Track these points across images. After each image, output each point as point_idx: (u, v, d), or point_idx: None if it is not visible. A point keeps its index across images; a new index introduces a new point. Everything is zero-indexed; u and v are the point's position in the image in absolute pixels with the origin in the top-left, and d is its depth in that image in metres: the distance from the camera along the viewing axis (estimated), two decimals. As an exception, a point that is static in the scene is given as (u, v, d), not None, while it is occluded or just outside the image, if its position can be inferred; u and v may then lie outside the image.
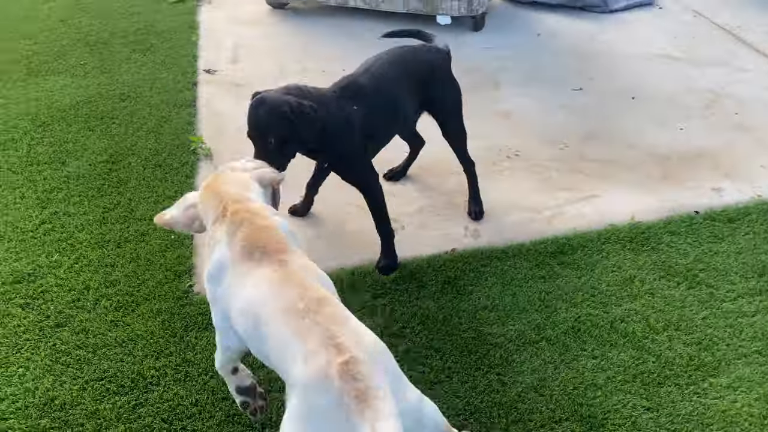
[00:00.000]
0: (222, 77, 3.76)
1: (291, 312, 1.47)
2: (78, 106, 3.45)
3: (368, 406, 1.31)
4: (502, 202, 2.86)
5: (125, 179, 2.94)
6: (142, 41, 4.12)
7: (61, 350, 2.17)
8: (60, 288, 2.39)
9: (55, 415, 1.97)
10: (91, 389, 2.05)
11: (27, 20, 4.36)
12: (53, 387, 2.05)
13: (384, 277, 2.45)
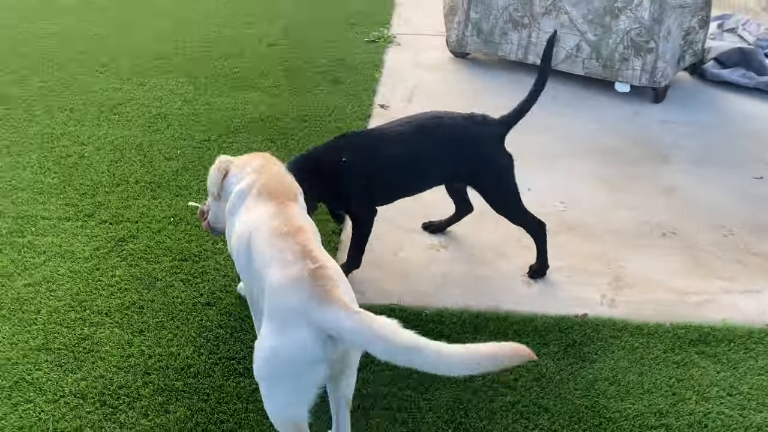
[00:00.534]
0: (393, 113, 4.01)
1: (276, 233, 1.75)
2: (265, 120, 3.88)
3: (337, 297, 1.55)
4: (646, 277, 2.73)
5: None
6: (331, 72, 4.54)
7: (205, 326, 2.45)
8: (217, 272, 2.70)
9: (189, 381, 2.22)
10: (222, 366, 2.28)
11: (240, 43, 4.99)
12: (192, 356, 2.32)
13: (505, 325, 2.45)
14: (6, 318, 2.45)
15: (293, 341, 1.57)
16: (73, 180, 3.27)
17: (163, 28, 5.23)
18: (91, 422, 2.08)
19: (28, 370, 2.25)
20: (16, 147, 3.55)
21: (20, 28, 5.15)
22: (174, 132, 3.74)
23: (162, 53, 4.76)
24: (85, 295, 2.57)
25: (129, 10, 5.65)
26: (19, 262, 2.73)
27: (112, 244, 2.85)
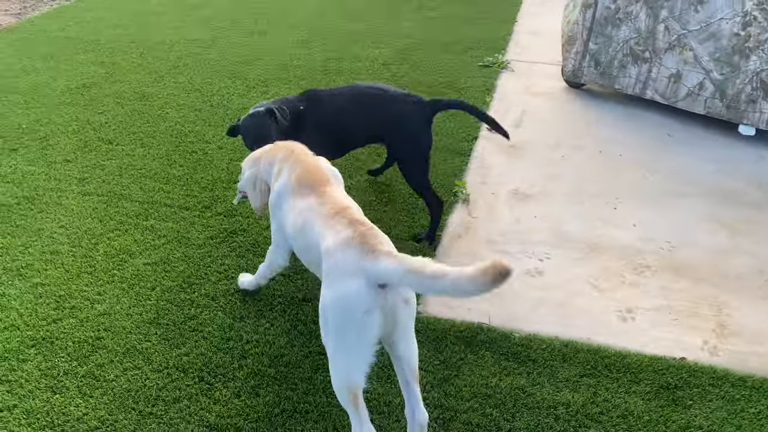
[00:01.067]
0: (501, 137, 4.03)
1: (326, 215, 2.01)
2: (375, 134, 4.02)
3: (381, 250, 1.77)
4: (756, 328, 2.57)
5: (392, 200, 3.35)
6: (442, 93, 4.62)
7: (300, 320, 2.56)
8: (315, 272, 2.82)
9: (280, 369, 2.34)
10: (312, 359, 2.39)
11: (359, 60, 5.20)
12: (285, 347, 2.44)
13: (596, 357, 2.39)
14: (125, 291, 2.69)
15: (349, 290, 1.77)
16: (195, 174, 3.54)
17: (292, 41, 5.55)
18: (189, 395, 2.23)
19: (139, 340, 2.45)
20: (149, 139, 3.89)
21: (163, 35, 5.65)
22: (289, 138, 3.95)
23: (286, 64, 5.05)
24: (195, 279, 2.77)
25: (264, 22, 6.04)
26: (141, 242, 2.99)
27: (224, 235, 3.05)
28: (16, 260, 2.85)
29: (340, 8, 6.59)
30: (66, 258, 2.87)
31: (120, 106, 4.31)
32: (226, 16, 6.23)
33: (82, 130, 3.98)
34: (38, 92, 4.48)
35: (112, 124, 4.06)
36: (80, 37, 5.60)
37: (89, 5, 6.55)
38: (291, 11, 6.44)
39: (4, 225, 3.08)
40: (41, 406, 2.18)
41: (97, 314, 2.56)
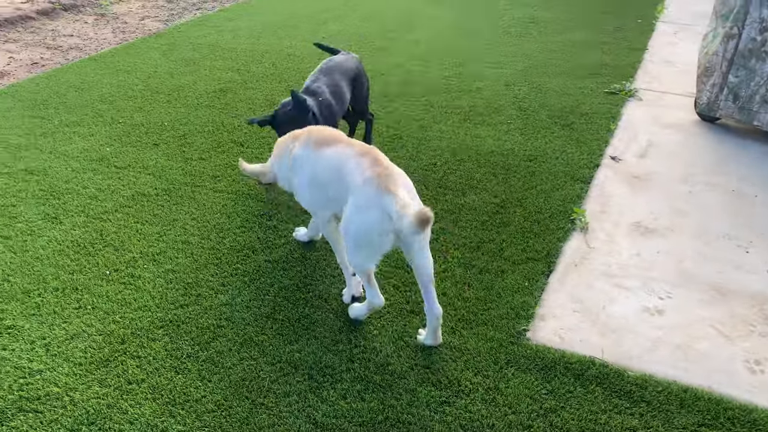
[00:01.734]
0: (624, 167, 3.89)
1: (356, 153, 2.49)
2: (491, 154, 4.01)
3: (394, 191, 2.29)
4: None
5: (506, 222, 3.31)
6: (564, 117, 4.53)
7: (407, 332, 2.60)
8: (425, 285, 2.85)
9: (385, 377, 2.38)
10: (417, 372, 2.41)
11: (481, 80, 5.22)
12: (391, 356, 2.48)
13: (718, 408, 2.24)
14: (246, 284, 2.85)
15: (369, 219, 2.32)
16: (315, 180, 3.69)
17: (413, 57, 5.67)
18: (299, 390, 2.32)
19: (255, 332, 2.58)
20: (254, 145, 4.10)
21: (294, 47, 5.94)
22: (407, 153, 4.02)
23: (406, 80, 5.16)
24: (310, 280, 2.88)
25: (387, 38, 6.21)
26: (264, 240, 3.15)
27: (339, 240, 3.16)
28: (152, 246, 3.09)
29: (462, 27, 6.64)
30: (195, 248, 3.08)
31: (252, 112, 4.57)
32: (353, 31, 6.46)
33: (216, 131, 4.27)
34: (180, 93, 4.85)
35: (243, 128, 4.32)
36: (219, 44, 6.01)
37: (229, 15, 7.02)
38: (414, 28, 6.58)
39: (144, 213, 3.35)
40: (165, 383, 2.35)
41: (220, 304, 2.73)
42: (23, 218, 3.28)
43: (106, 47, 6.07)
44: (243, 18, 6.88)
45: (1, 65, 5.57)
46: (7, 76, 5.33)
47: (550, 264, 3.02)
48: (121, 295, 2.77)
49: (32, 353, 2.46)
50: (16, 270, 2.90)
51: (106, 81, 5.11)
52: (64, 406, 2.25)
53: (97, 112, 4.54)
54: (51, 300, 2.73)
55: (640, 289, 2.86)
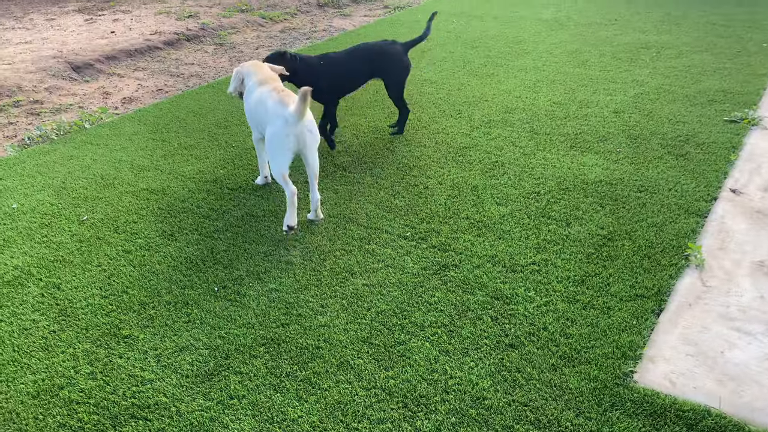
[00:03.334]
0: (746, 200, 3.61)
1: (270, 90, 3.54)
2: (599, 184, 3.85)
3: (288, 103, 3.35)
4: None
5: (614, 256, 3.16)
6: (678, 146, 4.29)
7: (505, 366, 2.52)
8: (525, 318, 2.76)
9: (481, 412, 2.32)
10: (515, 408, 2.32)
11: (587, 106, 5.06)
12: (488, 390, 2.41)
13: None
14: (344, 307, 2.89)
15: (277, 125, 3.33)
16: (415, 206, 3.71)
17: (519, 84, 5.60)
18: (393, 418, 2.31)
19: (352, 356, 2.61)
20: (377, 170, 4.17)
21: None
22: (508, 180, 3.96)
23: (510, 107, 5.10)
24: (407, 306, 2.88)
25: (493, 65, 6.19)
26: (363, 264, 3.19)
27: (436, 267, 3.14)
28: (257, 265, 3.22)
29: (571, 53, 6.49)
30: (298, 269, 3.17)
31: (356, 138, 4.69)
32: (458, 57, 6.49)
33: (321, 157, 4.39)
34: (288, 119, 5.06)
35: (346, 154, 4.43)
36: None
37: (337, 44, 7.27)
38: (520, 55, 6.50)
39: (252, 233, 3.50)
40: (264, 401, 2.42)
41: (319, 325, 2.78)
42: (143, 234, 3.52)
43: (223, 75, 6.46)
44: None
45: (130, 91, 6.06)
46: (135, 102, 5.79)
47: (661, 302, 2.84)
48: (227, 311, 2.89)
49: (144, 363, 2.62)
50: (135, 283, 3.11)
51: (221, 107, 5.43)
52: (170, 416, 2.37)
53: (213, 135, 4.82)
54: (164, 313, 2.90)
55: (765, 335, 2.62)
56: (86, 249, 3.39)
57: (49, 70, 6.30)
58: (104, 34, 7.64)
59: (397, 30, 7.76)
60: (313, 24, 8.61)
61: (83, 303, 2.97)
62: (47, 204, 3.85)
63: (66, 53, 6.75)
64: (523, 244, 3.30)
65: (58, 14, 8.79)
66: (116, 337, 2.75)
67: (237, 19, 8.44)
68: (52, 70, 6.31)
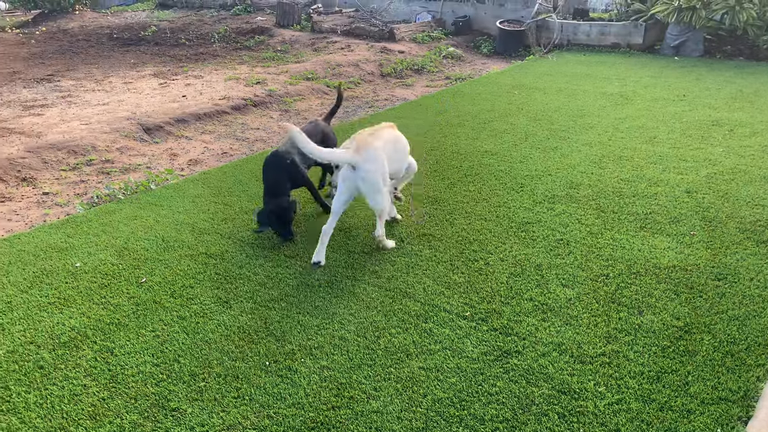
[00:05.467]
0: (840, 295, 3.31)
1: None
2: (671, 269, 3.63)
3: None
4: None
5: (692, 351, 2.91)
6: (759, 232, 4.03)
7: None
8: (595, 417, 2.54)
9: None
10: None
11: (657, 184, 4.86)
12: (554, 498, 2.19)
13: None
14: (399, 392, 2.73)
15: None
16: (475, 283, 3.56)
17: (584, 159, 5.47)
18: None
19: (405, 447, 2.44)
20: (436, 242, 4.06)
21: (458, 145, 6.02)
22: (574, 260, 3.78)
23: (576, 182, 4.95)
24: (465, 395, 2.70)
25: (558, 138, 6.10)
26: (419, 344, 3.05)
27: (498, 353, 2.96)
28: (310, 339, 3.12)
29: (638, 129, 6.34)
30: (351, 346, 3.05)
31: (408, 218, 4.62)
32: (521, 130, 6.43)
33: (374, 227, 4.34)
34: (348, 187, 5.05)
35: (404, 224, 4.35)
36: (387, 140, 6.25)
37: (398, 113, 7.35)
38: (585, 129, 6.39)
39: (306, 304, 3.42)
40: (311, 491, 2.26)
41: (371, 410, 2.63)
42: (198, 300, 3.49)
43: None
44: (411, 117, 7.16)
45: (197, 153, 6.24)
46: (200, 164, 5.94)
47: (749, 408, 2.57)
48: (277, 388, 2.78)
49: (191, 439, 2.52)
50: (187, 351, 3.05)
51: (282, 172, 5.49)
52: (213, 502, 2.24)
53: (273, 201, 4.85)
54: (213, 386, 2.81)
55: None
56: (142, 313, 3.38)
57: (122, 131, 6.57)
58: (176, 98, 7.98)
59: (459, 101, 7.81)
60: (376, 93, 8.77)
61: (134, 370, 2.92)
62: (108, 264, 3.90)
63: (139, 115, 7.06)
64: (591, 331, 3.10)
65: (135, 78, 9.28)
66: (164, 410, 2.67)
67: (302, 86, 8.70)
68: (125, 131, 6.58)
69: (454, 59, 10.96)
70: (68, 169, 5.74)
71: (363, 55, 10.51)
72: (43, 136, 6.32)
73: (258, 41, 12.17)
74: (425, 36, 12.00)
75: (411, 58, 10.59)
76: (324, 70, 9.67)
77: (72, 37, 12.97)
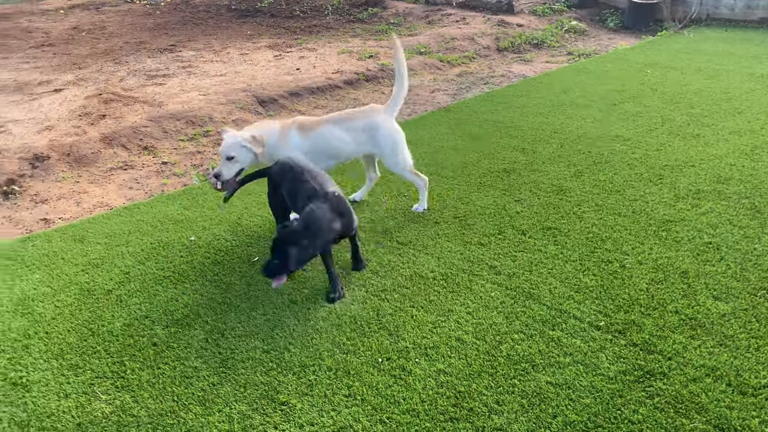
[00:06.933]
0: None
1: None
2: None
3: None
4: None
5: None
6: None
7: None
8: (764, 465, 2.15)
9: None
10: None
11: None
12: None
13: None
14: (524, 409, 2.45)
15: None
16: (609, 288, 3.19)
17: (732, 149, 4.84)
18: None
19: (533, 475, 2.16)
20: (562, 238, 3.70)
21: (584, 128, 5.53)
22: (726, 268, 3.29)
23: (725, 176, 4.37)
24: (602, 421, 2.38)
25: (698, 124, 5.47)
26: (546, 354, 2.74)
27: (639, 373, 2.60)
28: (425, 338, 2.89)
29: (798, 117, 5.55)
30: (470, 349, 2.80)
31: (536, 197, 4.26)
32: (655, 113, 5.83)
33: (497, 215, 4.03)
34: (463, 170, 4.76)
35: (526, 215, 4.01)
36: (505, 121, 5.88)
37: (517, 91, 6.91)
38: (732, 115, 5.69)
39: (420, 297, 3.20)
40: None
41: (494, 427, 2.37)
42: (311, 285, 3.36)
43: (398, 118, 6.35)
44: (531, 95, 6.71)
45: (308, 129, 6.15)
46: (312, 140, 5.84)
47: None
48: (390, 390, 2.59)
49: (300, 439, 2.38)
50: (297, 340, 2.92)
51: (395, 151, 5.27)
52: None
53: (384, 182, 4.64)
54: (324, 380, 2.66)
55: None
56: (254, 294, 3.29)
57: (237, 102, 6.60)
58: (290, 71, 7.96)
59: (584, 79, 7.23)
60: (491, 69, 8.34)
61: (244, 355, 2.83)
62: (222, 240, 3.86)
63: (254, 87, 7.07)
64: (753, 357, 2.66)
65: (251, 49, 9.37)
66: (273, 403, 2.55)
67: (415, 61, 8.41)
68: (241, 102, 6.61)
69: (577, 33, 10.23)
70: (186, 139, 5.83)
71: (479, 28, 10.04)
72: (164, 106, 6.46)
73: (371, 13, 11.97)
74: (546, 8, 11.30)
75: (530, 31, 9.99)
76: (437, 43, 9.32)
77: (193, 9, 13.36)
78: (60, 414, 2.52)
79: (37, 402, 2.59)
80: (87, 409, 2.54)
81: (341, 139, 3.85)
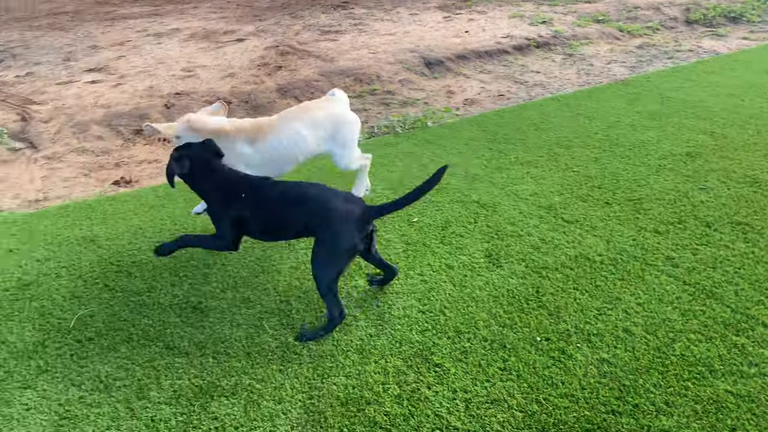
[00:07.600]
0: None
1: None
2: None
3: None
4: None
5: None
6: None
7: None
8: None
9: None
10: None
11: None
12: None
13: None
14: (697, 416, 2.25)
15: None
16: (810, 298, 2.81)
17: None
18: None
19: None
20: (754, 235, 3.31)
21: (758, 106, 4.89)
22: None
23: None
24: (792, 445, 2.12)
25: None
26: (726, 361, 2.49)
27: (842, 400, 2.28)
28: (588, 323, 2.74)
29: None
30: (638, 343, 2.61)
31: (725, 187, 3.84)
32: None
33: (678, 203, 3.69)
34: (641, 150, 4.42)
35: (712, 205, 3.64)
36: (692, 100, 5.35)
37: (707, 68, 6.26)
38: None
39: (584, 280, 3.03)
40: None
41: (661, 428, 2.20)
42: (467, 251, 3.31)
43: (569, 88, 6.03)
44: (725, 73, 6.04)
45: (473, 93, 6.03)
46: (476, 104, 5.73)
47: None
48: (548, 371, 2.49)
49: (452, 404, 2.37)
50: (453, 305, 2.90)
51: (565, 124, 5.02)
52: (471, 482, 2.07)
53: (552, 155, 4.44)
54: (479, 349, 2.62)
55: None
56: (411, 254, 3.31)
57: (405, 62, 6.63)
58: (458, 33, 7.82)
59: (790, 59, 6.37)
60: (678, 42, 7.61)
61: (400, 312, 2.86)
62: (384, 198, 3.92)
63: (422, 48, 7.05)
64: None
65: (421, 9, 9.33)
66: (428, 363, 2.56)
67: (592, 29, 7.90)
68: (408, 63, 6.62)
69: (785, 8, 9.02)
70: (353, 95, 5.96)
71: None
72: (335, 62, 6.65)
73: (546, -23, 11.39)
74: (748, -23, 10.05)
75: (727, 3, 8.97)
76: (618, 12, 8.67)
77: (366, -33, 13.56)
78: (232, 341, 2.72)
79: (213, 327, 2.81)
80: (256, 341, 2.72)
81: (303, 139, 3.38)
